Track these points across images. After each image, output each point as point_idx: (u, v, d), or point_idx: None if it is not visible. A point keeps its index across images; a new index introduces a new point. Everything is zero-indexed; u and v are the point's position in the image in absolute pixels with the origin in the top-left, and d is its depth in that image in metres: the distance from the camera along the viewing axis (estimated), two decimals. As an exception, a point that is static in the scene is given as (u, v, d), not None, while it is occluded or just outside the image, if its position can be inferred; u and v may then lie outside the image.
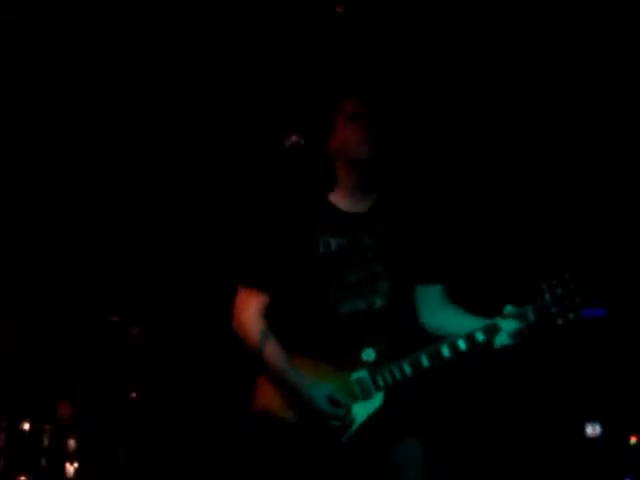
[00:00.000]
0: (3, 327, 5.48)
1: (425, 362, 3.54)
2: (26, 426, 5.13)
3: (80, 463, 5.19)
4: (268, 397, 3.64)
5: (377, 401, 3.57)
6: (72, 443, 5.20)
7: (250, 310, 3.68)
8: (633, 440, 5.00)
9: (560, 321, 3.49)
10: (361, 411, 3.57)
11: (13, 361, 5.52)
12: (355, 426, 3.56)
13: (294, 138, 3.54)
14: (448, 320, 3.68)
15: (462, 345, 3.53)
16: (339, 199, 3.71)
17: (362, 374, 3.58)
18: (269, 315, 3.69)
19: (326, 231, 3.66)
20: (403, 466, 3.61)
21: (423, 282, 3.76)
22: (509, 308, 3.54)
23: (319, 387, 3.54)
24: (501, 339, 3.51)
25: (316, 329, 3.63)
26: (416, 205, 3.77)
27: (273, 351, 3.61)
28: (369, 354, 3.59)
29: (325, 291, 3.62)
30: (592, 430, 5.13)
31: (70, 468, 5.16)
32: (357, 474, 3.59)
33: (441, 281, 3.77)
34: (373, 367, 3.57)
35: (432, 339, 3.60)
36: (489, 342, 3.52)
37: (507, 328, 3.50)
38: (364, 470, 3.60)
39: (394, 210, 3.72)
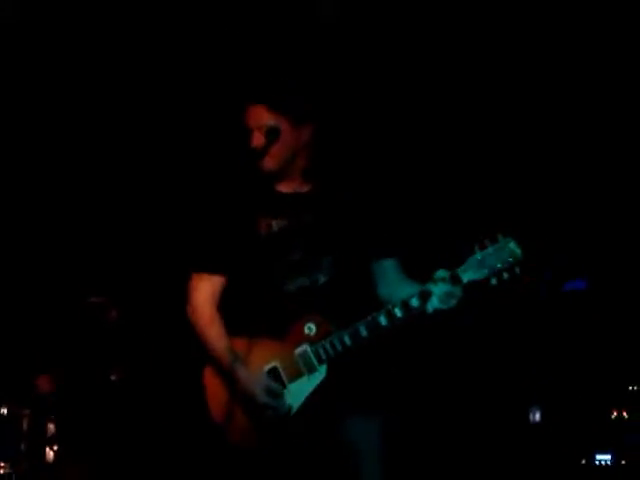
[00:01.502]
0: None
1: (364, 332, 3.54)
2: (4, 410, 5.17)
3: (60, 447, 5.22)
4: (216, 384, 3.68)
5: (321, 374, 3.59)
6: (51, 427, 5.24)
7: (201, 295, 3.72)
8: (614, 414, 4.98)
9: (493, 281, 3.44)
10: (306, 385, 3.60)
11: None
12: (301, 400, 3.59)
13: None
14: (397, 290, 3.67)
15: (398, 312, 3.52)
16: (279, 181, 3.72)
17: (305, 348, 3.60)
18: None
19: (267, 213, 3.68)
20: (357, 443, 3.63)
21: (376, 257, 3.76)
22: (440, 272, 3.51)
23: (256, 379, 3.57)
24: (433, 303, 3.49)
25: (261, 308, 3.66)
26: (354, 182, 3.77)
27: (218, 341, 3.66)
28: (311, 328, 3.61)
29: (269, 271, 3.65)
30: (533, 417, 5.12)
31: (50, 452, 5.21)
32: (311, 449, 3.62)
33: (393, 254, 3.76)
34: (315, 340, 3.59)
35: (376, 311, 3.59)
36: (423, 307, 3.51)
37: (438, 292, 3.49)
38: (317, 445, 3.62)
39: (333, 188, 3.73)
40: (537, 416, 5.06)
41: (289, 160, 3.65)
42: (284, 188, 3.73)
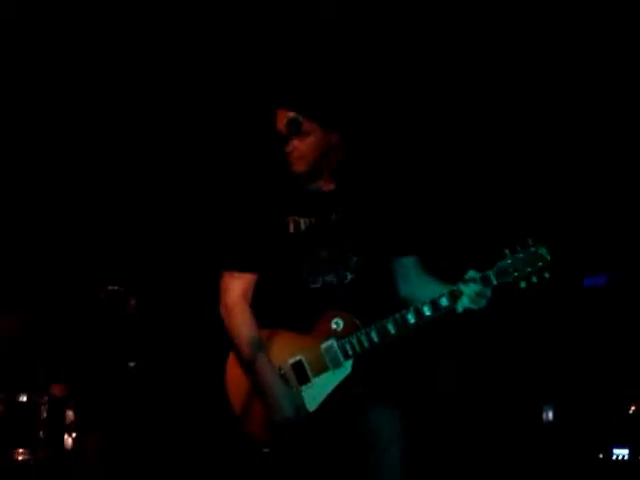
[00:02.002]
0: None
1: (392, 329, 3.58)
2: (23, 398, 5.17)
3: (78, 434, 5.23)
4: (237, 375, 3.72)
5: (346, 369, 3.62)
6: (70, 414, 5.24)
7: (234, 294, 3.74)
8: (632, 409, 4.98)
9: (523, 284, 3.50)
10: (331, 379, 3.63)
11: (9, 332, 5.57)
12: (325, 394, 3.62)
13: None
14: (423, 289, 3.71)
15: (427, 311, 3.56)
16: (307, 181, 3.75)
17: (331, 343, 3.64)
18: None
19: (295, 212, 3.72)
20: (379, 433, 3.64)
21: (396, 255, 3.80)
22: (471, 273, 3.56)
23: (289, 395, 3.61)
24: (463, 303, 3.53)
25: (288, 303, 3.71)
26: (381, 180, 3.81)
27: (248, 332, 3.68)
28: (338, 323, 3.65)
29: (297, 269, 3.69)
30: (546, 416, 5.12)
31: (69, 439, 5.21)
32: (332, 444, 3.66)
33: (412, 252, 3.80)
34: (342, 336, 3.62)
35: (402, 308, 3.62)
36: (452, 306, 3.55)
37: (468, 292, 3.52)
38: (339, 439, 3.66)
39: (360, 187, 3.77)
40: (550, 415, 5.06)
41: (318, 162, 3.69)
42: (311, 187, 3.76)
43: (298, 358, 3.66)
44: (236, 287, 3.74)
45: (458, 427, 5.08)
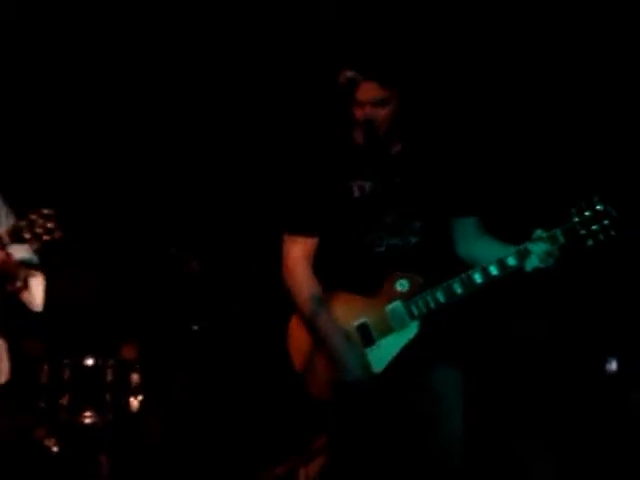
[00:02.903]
0: (66, 266, 5.55)
1: (458, 289, 3.56)
2: (90, 362, 5.22)
3: (144, 396, 5.28)
4: (300, 333, 3.72)
5: (412, 330, 3.60)
6: (135, 377, 5.29)
7: (295, 257, 3.73)
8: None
9: (590, 242, 3.46)
10: (397, 341, 3.61)
11: (76, 297, 5.62)
12: (391, 355, 3.60)
13: (349, 73, 3.55)
14: (482, 249, 3.68)
15: (494, 270, 3.53)
16: (373, 145, 3.69)
17: (396, 304, 3.61)
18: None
19: (360, 175, 3.68)
20: (443, 393, 3.64)
21: (457, 216, 3.76)
22: (539, 232, 3.51)
23: (357, 354, 3.60)
24: (532, 262, 3.50)
25: (353, 266, 3.68)
26: (443, 143, 3.75)
27: (315, 304, 3.65)
28: (403, 284, 3.62)
29: (362, 232, 3.67)
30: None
31: (134, 402, 5.26)
32: (397, 404, 3.65)
33: (474, 213, 3.76)
34: (407, 297, 3.60)
35: (467, 269, 3.59)
36: (520, 266, 3.51)
37: (537, 251, 3.48)
38: (404, 399, 3.65)
39: (423, 149, 3.72)
40: (613, 365, 5.01)
41: (395, 127, 3.64)
42: (380, 150, 3.69)
43: (363, 320, 3.64)
44: (298, 250, 3.73)
45: (523, 384, 5.04)
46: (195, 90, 5.63)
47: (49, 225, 3.42)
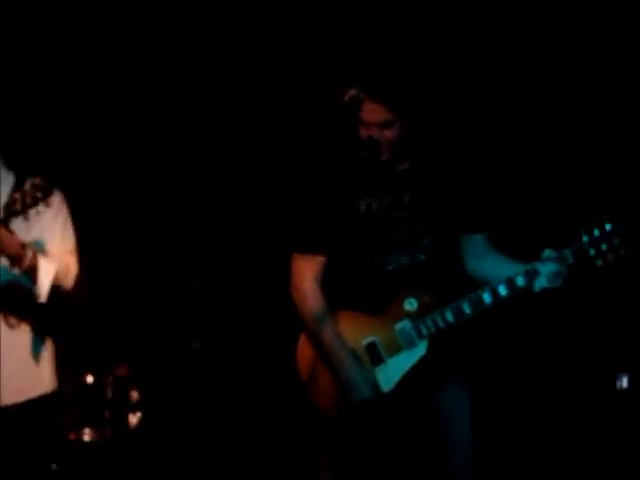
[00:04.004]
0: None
1: (467, 309, 3.56)
2: (89, 379, 5.23)
3: (143, 413, 5.28)
4: (308, 358, 3.73)
5: (421, 350, 3.61)
6: (135, 394, 5.30)
7: (304, 275, 3.73)
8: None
9: (599, 262, 3.49)
10: (406, 360, 3.61)
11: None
12: (399, 375, 3.61)
13: (353, 92, 3.57)
14: (491, 267, 3.70)
15: (503, 290, 3.55)
16: (381, 163, 3.70)
17: (405, 324, 3.61)
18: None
19: (367, 193, 3.68)
20: (452, 413, 3.65)
21: (466, 233, 3.77)
22: (548, 252, 3.54)
23: (363, 374, 3.60)
24: (540, 282, 3.52)
25: (361, 285, 3.68)
26: (451, 159, 3.76)
27: (326, 324, 3.67)
28: (411, 303, 3.62)
29: (369, 250, 3.67)
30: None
31: (133, 418, 5.27)
32: (406, 424, 3.66)
33: (483, 230, 3.78)
34: (416, 316, 3.60)
35: (476, 288, 3.60)
36: (529, 286, 3.54)
37: (546, 272, 3.51)
38: (413, 419, 3.66)
39: (431, 166, 3.72)
40: (624, 382, 5.04)
41: (402, 146, 3.64)
42: (387, 168, 3.70)
43: (371, 339, 3.63)
44: (306, 268, 3.73)
45: (531, 404, 5.06)
46: (199, 103, 5.62)
47: (38, 194, 3.37)
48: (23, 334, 3.61)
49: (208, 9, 5.31)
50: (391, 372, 3.61)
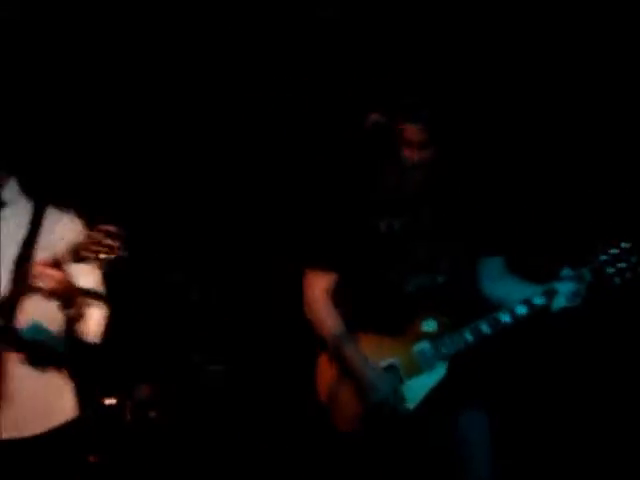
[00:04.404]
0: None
1: (486, 329, 3.57)
2: (112, 401, 5.23)
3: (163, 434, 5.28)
4: (328, 377, 3.72)
5: (441, 371, 3.61)
6: (154, 415, 5.30)
7: (316, 291, 3.77)
8: None
9: (617, 280, 3.50)
10: (425, 382, 3.61)
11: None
12: (420, 397, 3.60)
13: (375, 117, 3.60)
14: (509, 289, 3.69)
15: (521, 310, 3.55)
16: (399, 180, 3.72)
17: (424, 345, 3.62)
18: (335, 294, 3.78)
19: (388, 211, 3.71)
20: (470, 436, 3.65)
21: (484, 255, 3.77)
22: (566, 271, 3.55)
23: (383, 376, 3.61)
24: (559, 302, 3.54)
25: (379, 306, 3.70)
26: (470, 182, 3.79)
27: (331, 324, 3.70)
28: (430, 324, 3.63)
29: (388, 270, 3.68)
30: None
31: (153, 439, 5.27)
32: (424, 446, 3.65)
33: (501, 253, 3.78)
34: (435, 337, 3.61)
35: (493, 309, 3.61)
36: (547, 305, 3.55)
37: (564, 291, 3.52)
38: (432, 441, 3.65)
39: (451, 189, 3.74)
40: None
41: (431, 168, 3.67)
42: (404, 186, 3.71)
43: (391, 361, 3.64)
44: (319, 284, 3.76)
45: (550, 424, 5.04)
46: (207, 114, 5.62)
47: (109, 242, 3.11)
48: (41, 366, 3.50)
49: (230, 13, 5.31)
50: (411, 394, 3.61)
